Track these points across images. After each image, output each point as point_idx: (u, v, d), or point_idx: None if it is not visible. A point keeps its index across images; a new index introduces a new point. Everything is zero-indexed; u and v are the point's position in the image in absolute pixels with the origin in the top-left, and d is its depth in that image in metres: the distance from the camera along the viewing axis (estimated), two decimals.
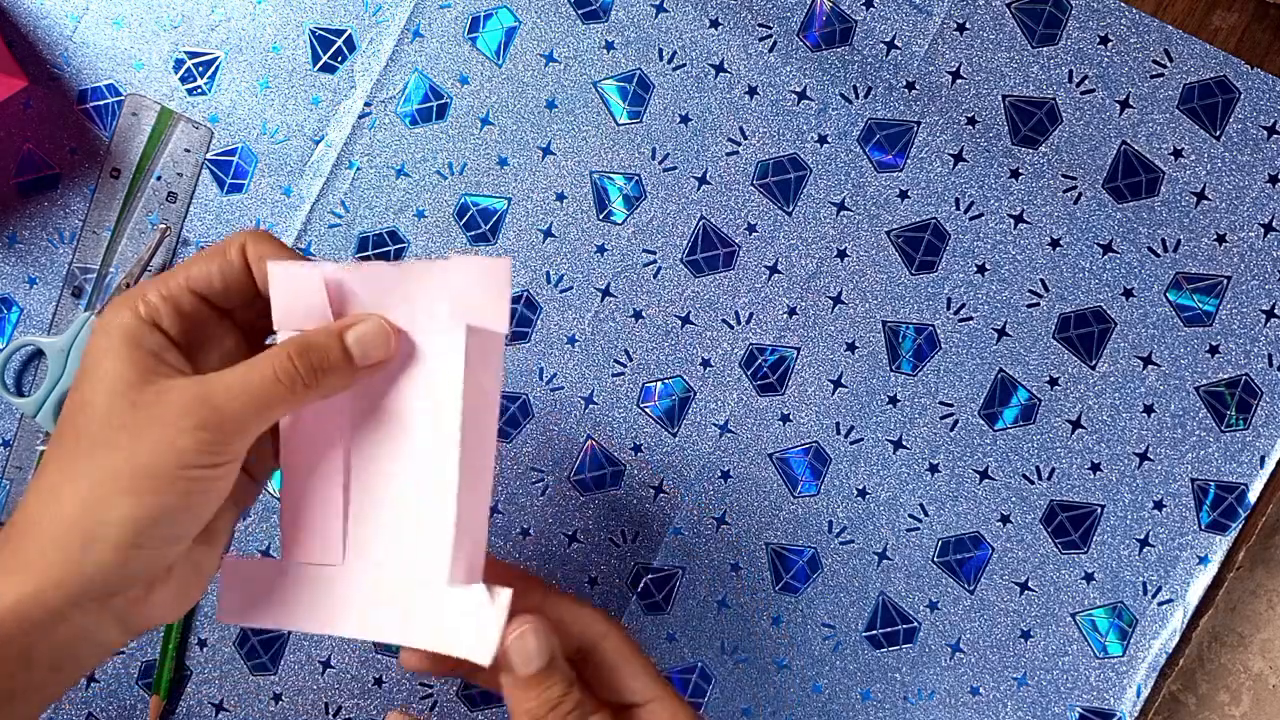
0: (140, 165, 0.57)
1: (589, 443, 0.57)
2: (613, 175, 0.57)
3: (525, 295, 0.57)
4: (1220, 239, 0.56)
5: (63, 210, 0.57)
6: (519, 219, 0.57)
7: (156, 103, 0.57)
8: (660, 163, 0.57)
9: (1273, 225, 0.56)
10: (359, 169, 0.57)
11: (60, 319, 0.57)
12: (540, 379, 0.57)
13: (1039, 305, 0.56)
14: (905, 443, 0.57)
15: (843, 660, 0.57)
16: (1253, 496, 0.56)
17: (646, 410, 0.57)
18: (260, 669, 0.57)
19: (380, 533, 0.40)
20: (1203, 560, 0.56)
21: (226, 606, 0.41)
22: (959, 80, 0.56)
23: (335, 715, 0.57)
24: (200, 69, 0.57)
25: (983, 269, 0.56)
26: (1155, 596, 0.56)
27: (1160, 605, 0.56)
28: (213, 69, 0.57)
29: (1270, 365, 0.56)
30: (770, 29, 0.56)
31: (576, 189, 0.57)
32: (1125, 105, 0.56)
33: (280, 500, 0.41)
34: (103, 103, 0.57)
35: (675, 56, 0.57)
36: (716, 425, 0.57)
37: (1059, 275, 0.56)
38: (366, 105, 0.57)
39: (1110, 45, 0.56)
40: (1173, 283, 0.56)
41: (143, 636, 0.57)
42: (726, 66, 0.57)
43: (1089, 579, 0.56)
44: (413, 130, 0.57)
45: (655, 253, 0.57)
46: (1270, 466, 0.56)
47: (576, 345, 0.57)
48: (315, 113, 0.57)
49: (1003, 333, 0.56)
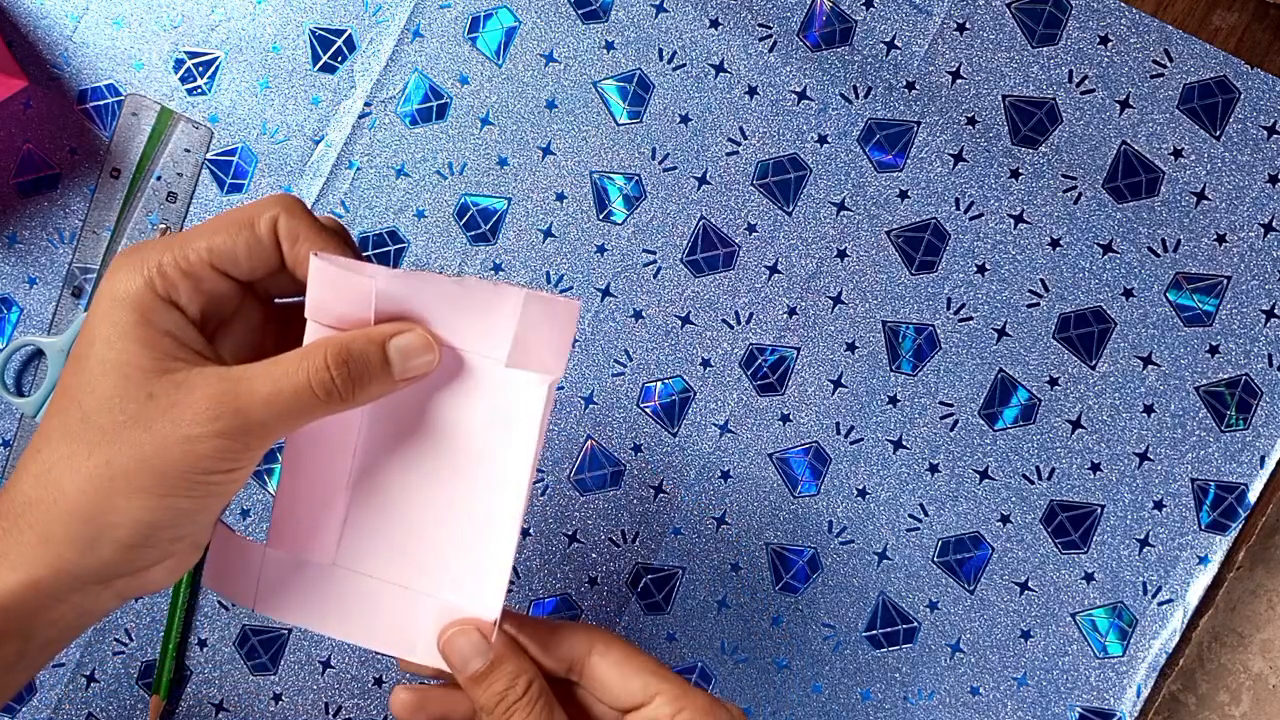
0: (140, 165, 0.57)
1: (589, 443, 0.57)
2: (613, 175, 0.57)
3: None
4: (1220, 239, 0.56)
5: (63, 210, 0.57)
6: (519, 219, 0.57)
7: (156, 103, 0.57)
8: (660, 163, 0.57)
9: (1273, 225, 0.56)
10: (359, 169, 0.57)
11: (60, 319, 0.57)
12: None
13: (1039, 305, 0.56)
14: (905, 443, 0.57)
15: (843, 660, 0.57)
16: (1253, 496, 0.56)
17: (646, 410, 0.57)
18: (260, 669, 0.57)
19: (383, 542, 0.39)
20: (1203, 560, 0.56)
21: (210, 574, 0.41)
22: (959, 80, 0.56)
23: (335, 715, 0.57)
24: (200, 69, 0.57)
25: (983, 269, 0.56)
26: (1155, 596, 0.56)
27: (1160, 605, 0.56)
28: (213, 69, 0.57)
29: (1270, 365, 0.56)
30: (770, 29, 0.56)
31: (576, 189, 0.57)
32: (1125, 105, 0.56)
33: (278, 486, 0.40)
34: (103, 103, 0.57)
35: (675, 56, 0.57)
36: (716, 425, 0.57)
37: (1059, 275, 0.56)
38: (366, 105, 0.57)
39: (1110, 45, 0.56)
40: (1173, 283, 0.56)
41: (143, 636, 0.57)
42: (726, 66, 0.57)
43: (1089, 579, 0.56)
44: (413, 130, 0.57)
45: (655, 253, 0.57)
46: (1270, 466, 0.56)
47: (576, 345, 0.57)
48: (315, 113, 0.57)
49: (1003, 333, 0.56)
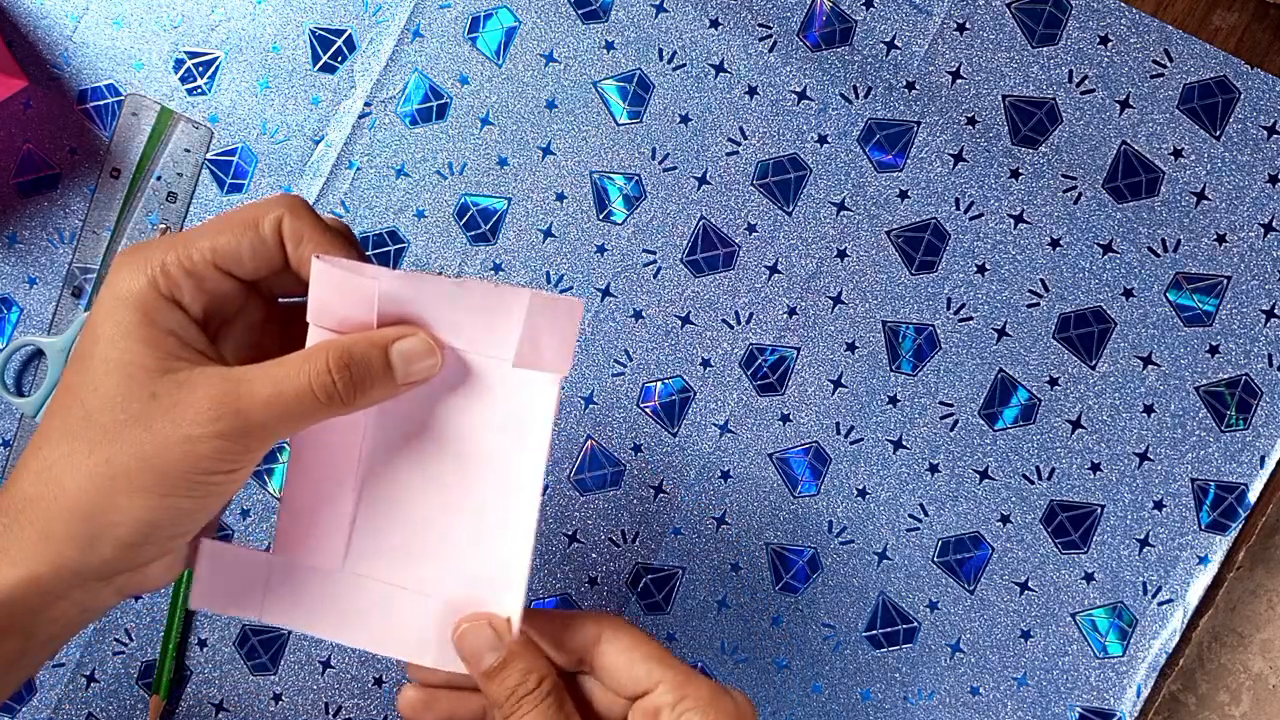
0: (140, 165, 0.57)
1: (589, 443, 0.57)
2: (613, 175, 0.57)
3: None
4: (1220, 239, 0.56)
5: (63, 210, 0.57)
6: (519, 219, 0.57)
7: (156, 103, 0.57)
8: (660, 163, 0.57)
9: (1273, 225, 0.56)
10: (359, 169, 0.57)
11: (60, 319, 0.57)
12: None
13: (1039, 305, 0.56)
14: (905, 443, 0.57)
15: (843, 660, 0.57)
16: (1253, 496, 0.56)
17: (646, 410, 0.57)
18: (260, 669, 0.57)
19: (392, 545, 0.39)
20: (1203, 560, 0.56)
21: (200, 592, 0.39)
22: (959, 80, 0.56)
23: (335, 715, 0.57)
24: (200, 69, 0.57)
25: (983, 269, 0.56)
26: (1155, 596, 0.56)
27: (1160, 605, 0.56)
28: (213, 69, 0.57)
29: (1270, 365, 0.56)
30: (770, 29, 0.56)
31: (576, 189, 0.57)
32: (1125, 105, 0.56)
33: (282, 492, 0.40)
34: (103, 103, 0.57)
35: (675, 56, 0.57)
36: (716, 425, 0.57)
37: (1059, 275, 0.56)
38: (366, 105, 0.57)
39: (1110, 45, 0.56)
40: (1173, 283, 0.56)
41: (143, 636, 0.57)
42: (726, 66, 0.57)
43: (1089, 579, 0.56)
44: (413, 130, 0.57)
45: (655, 253, 0.57)
46: (1270, 466, 0.56)
47: (577, 345, 0.57)
48: (315, 113, 0.57)
49: (1003, 333, 0.56)
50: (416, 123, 0.57)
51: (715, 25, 0.56)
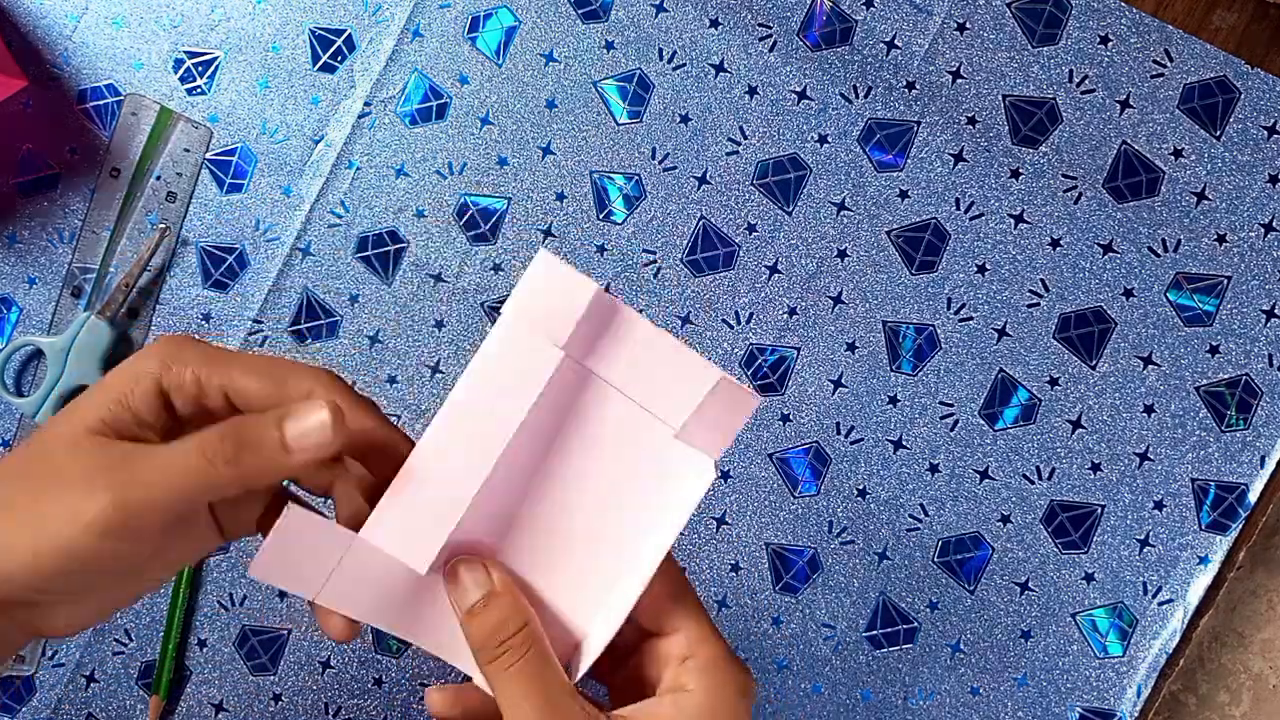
0: (140, 165, 0.57)
1: None
2: (613, 175, 0.57)
3: None
4: (1220, 239, 0.56)
5: (63, 210, 0.57)
6: (519, 219, 0.57)
7: (156, 102, 0.57)
8: (660, 163, 0.57)
9: (1273, 225, 0.56)
10: (359, 169, 0.57)
11: (60, 319, 0.57)
12: None
13: (1039, 305, 0.56)
14: (905, 443, 0.56)
15: (843, 660, 0.57)
16: (1253, 496, 0.56)
17: None
18: (260, 669, 0.57)
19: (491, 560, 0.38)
20: (1203, 560, 0.56)
21: (264, 561, 0.36)
22: (959, 80, 0.56)
23: (335, 715, 0.57)
24: (200, 69, 0.57)
25: (983, 269, 0.56)
26: (1155, 596, 0.56)
27: (1160, 605, 0.56)
28: (212, 69, 0.57)
29: (1270, 365, 0.56)
30: (770, 29, 0.56)
31: (576, 189, 0.57)
32: (1125, 105, 0.56)
33: (396, 479, 0.37)
34: (102, 103, 0.57)
35: (675, 56, 0.57)
36: None
37: (1059, 275, 0.56)
38: (366, 105, 0.57)
39: (1110, 45, 0.56)
40: (1173, 283, 0.56)
41: (143, 636, 0.57)
42: (726, 66, 0.57)
43: (1089, 579, 0.56)
44: (412, 130, 0.57)
45: (655, 253, 0.57)
46: (1270, 466, 0.56)
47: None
48: (315, 112, 0.57)
49: (1003, 333, 0.56)
50: (416, 122, 0.57)
51: (715, 25, 0.56)
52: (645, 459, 0.37)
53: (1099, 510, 0.56)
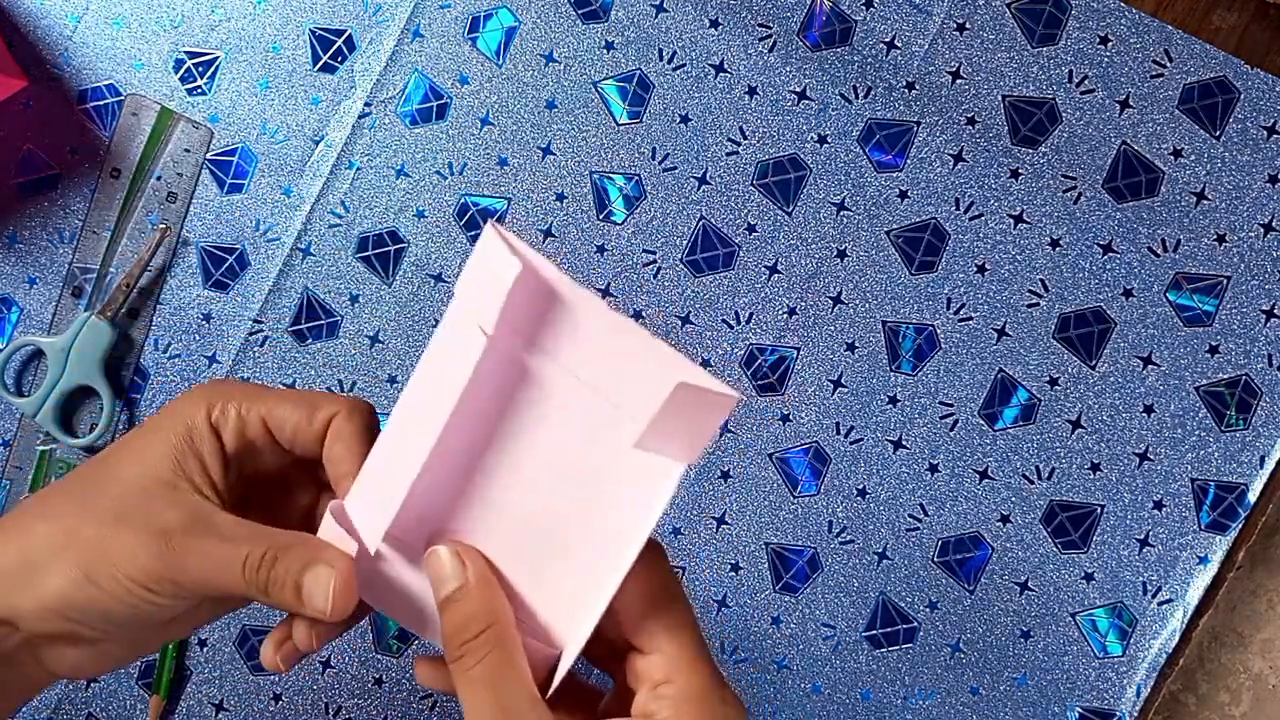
0: (140, 165, 0.57)
1: None
2: (613, 175, 0.57)
3: None
4: (1220, 239, 0.56)
5: (63, 210, 0.57)
6: (519, 219, 0.57)
7: (156, 103, 0.57)
8: (660, 163, 0.57)
9: (1273, 225, 0.56)
10: (359, 169, 0.57)
11: (60, 319, 0.57)
12: None
13: (1039, 305, 0.56)
14: (905, 443, 0.57)
15: (843, 660, 0.57)
16: (1253, 496, 0.56)
17: None
18: (260, 669, 0.57)
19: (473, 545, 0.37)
20: (1203, 560, 0.56)
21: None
22: (959, 80, 0.56)
23: (335, 715, 0.57)
24: (200, 69, 0.57)
25: (983, 269, 0.56)
26: (1155, 596, 0.56)
27: (1160, 605, 0.56)
28: (213, 69, 0.57)
29: (1270, 365, 0.56)
30: (770, 29, 0.56)
31: (576, 189, 0.57)
32: (1125, 105, 0.56)
33: (366, 462, 0.37)
34: (103, 103, 0.57)
35: (675, 56, 0.57)
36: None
37: (1059, 275, 0.56)
38: (366, 105, 0.57)
39: (1110, 45, 0.56)
40: (1173, 283, 0.56)
41: None
42: (726, 66, 0.57)
43: (1089, 579, 0.56)
44: (413, 130, 0.57)
45: (655, 253, 0.57)
46: (1270, 466, 0.56)
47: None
48: (315, 113, 0.57)
49: (1003, 333, 0.56)
50: (416, 123, 0.57)
51: (715, 25, 0.56)
52: (617, 449, 0.35)
53: (1099, 510, 0.56)
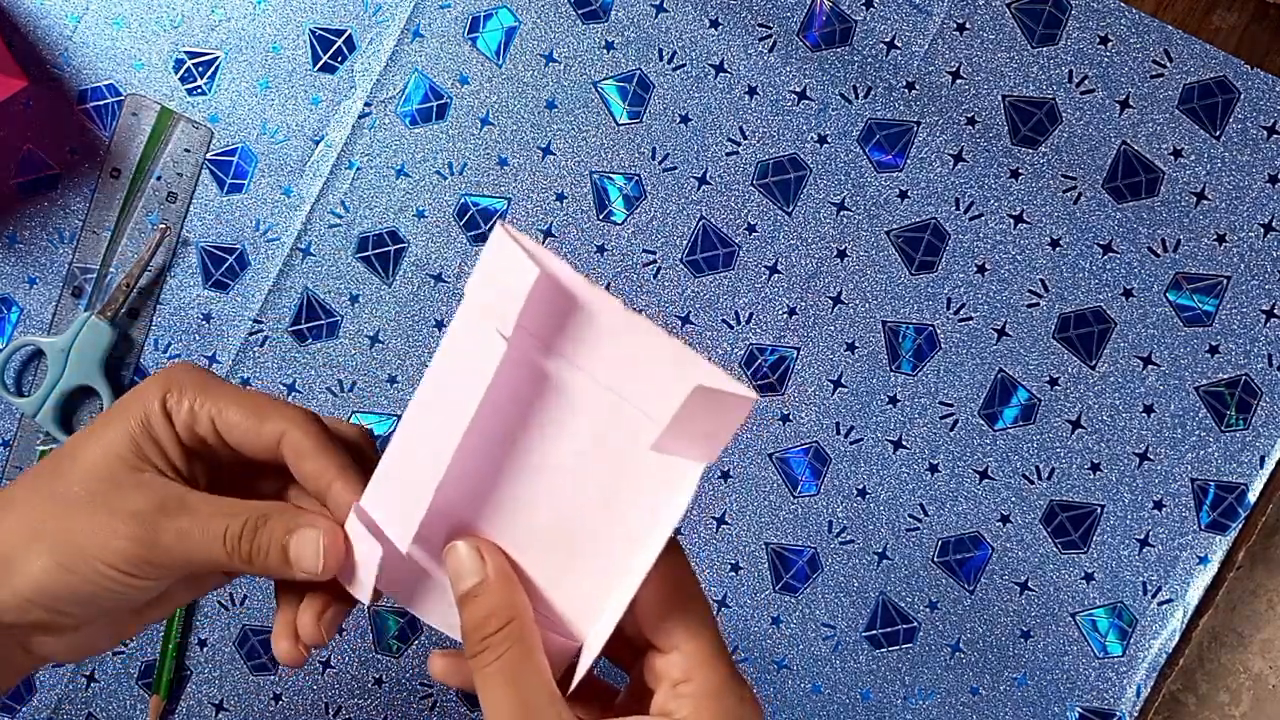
0: (140, 165, 0.57)
1: None
2: (613, 175, 0.57)
3: None
4: (1220, 239, 0.56)
5: (63, 210, 0.57)
6: (519, 219, 0.57)
7: (156, 103, 0.57)
8: (660, 163, 0.57)
9: (1273, 225, 0.56)
10: (359, 169, 0.57)
11: (60, 319, 0.57)
12: None
13: (1039, 305, 0.56)
14: (905, 443, 0.57)
15: (843, 660, 0.57)
16: (1253, 496, 0.56)
17: None
18: (260, 669, 0.57)
19: (497, 542, 0.37)
20: (1203, 560, 0.56)
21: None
22: (959, 80, 0.56)
23: (335, 715, 0.57)
24: (200, 69, 0.57)
25: (983, 269, 0.56)
26: (1155, 596, 0.56)
27: (1160, 605, 0.56)
28: (213, 69, 0.57)
29: (1270, 365, 0.56)
30: (770, 29, 0.56)
31: (576, 189, 0.57)
32: (1125, 105, 0.56)
33: (386, 450, 0.37)
34: (103, 103, 0.57)
35: (675, 56, 0.57)
36: None
37: (1059, 275, 0.56)
38: (366, 105, 0.57)
39: (1110, 45, 0.56)
40: (1173, 283, 0.56)
41: (143, 636, 0.57)
42: (726, 66, 0.57)
43: (1089, 579, 0.56)
44: (413, 130, 0.57)
45: (655, 253, 0.57)
46: (1270, 466, 0.56)
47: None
48: (315, 113, 0.57)
49: (1003, 333, 0.56)
50: (416, 123, 0.57)
51: (715, 25, 0.56)
52: (636, 449, 0.35)
53: (1099, 510, 0.56)
